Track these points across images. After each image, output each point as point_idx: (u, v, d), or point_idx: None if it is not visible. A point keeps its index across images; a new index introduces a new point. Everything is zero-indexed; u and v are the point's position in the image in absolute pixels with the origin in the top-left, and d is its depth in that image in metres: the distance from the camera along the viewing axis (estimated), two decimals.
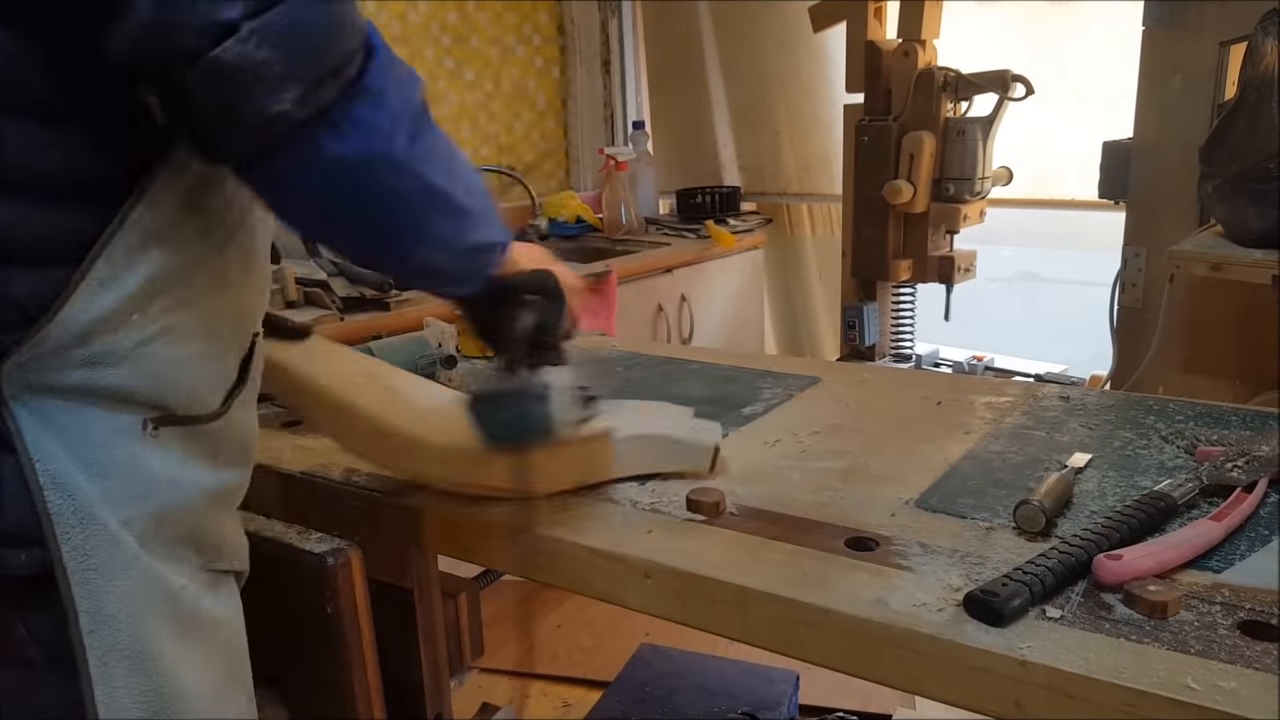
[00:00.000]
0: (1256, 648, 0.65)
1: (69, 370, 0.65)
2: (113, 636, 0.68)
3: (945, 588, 0.74)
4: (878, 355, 2.49)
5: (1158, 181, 1.96)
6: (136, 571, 0.69)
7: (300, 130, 0.63)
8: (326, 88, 0.63)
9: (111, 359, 0.66)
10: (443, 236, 0.76)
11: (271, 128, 0.62)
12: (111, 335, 0.66)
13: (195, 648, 0.75)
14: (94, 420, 0.67)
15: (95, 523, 0.67)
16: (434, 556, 1.02)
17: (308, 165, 0.65)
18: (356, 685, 0.96)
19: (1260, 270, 1.50)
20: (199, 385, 0.73)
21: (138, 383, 0.68)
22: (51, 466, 0.65)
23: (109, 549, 0.68)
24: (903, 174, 2.17)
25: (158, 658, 0.71)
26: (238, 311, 0.77)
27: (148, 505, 0.70)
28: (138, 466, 0.69)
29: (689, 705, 1.52)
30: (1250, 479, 0.87)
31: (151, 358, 0.68)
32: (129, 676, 0.69)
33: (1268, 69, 1.51)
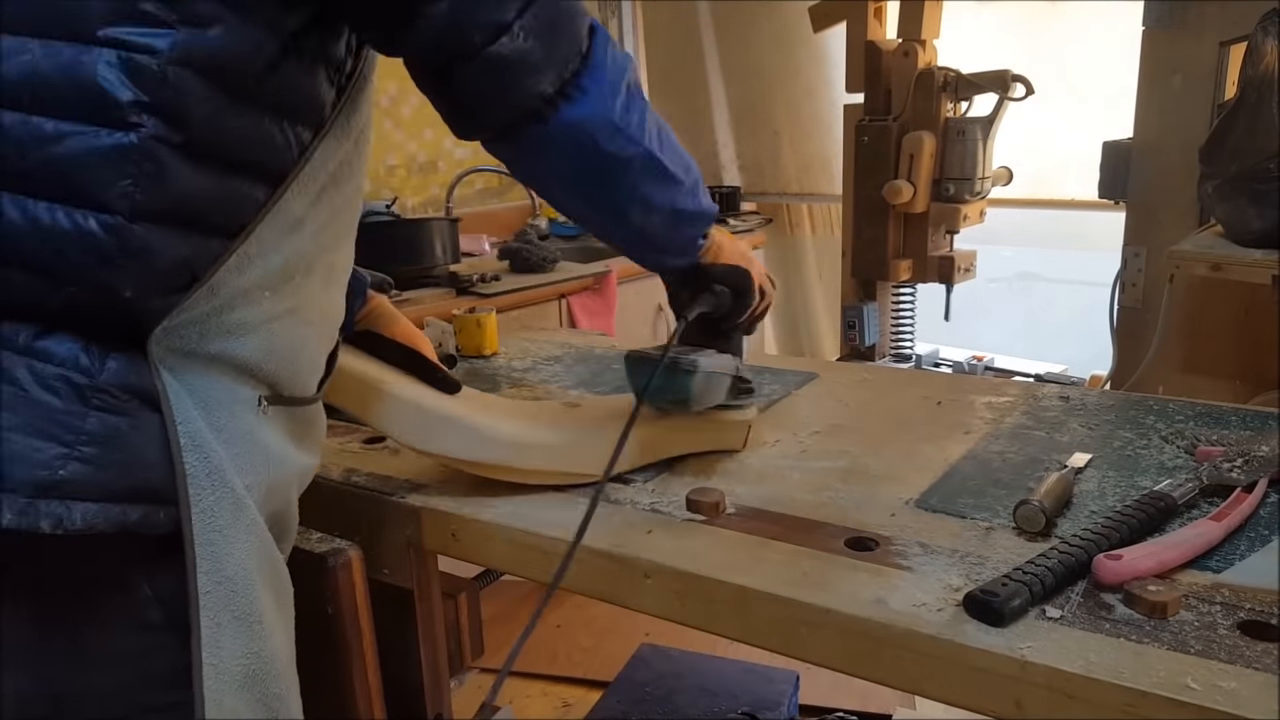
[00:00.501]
0: (1256, 648, 0.65)
1: (210, 338, 0.70)
2: (227, 598, 0.70)
3: (945, 588, 0.74)
4: (878, 355, 2.49)
5: (1158, 181, 1.96)
6: (254, 537, 0.73)
7: (549, 103, 0.75)
8: (570, 65, 0.75)
9: (245, 330, 0.71)
10: (654, 199, 0.87)
11: (532, 104, 0.75)
12: (249, 308, 0.71)
13: (285, 616, 0.79)
14: (224, 389, 0.71)
15: (225, 485, 0.70)
16: (434, 556, 1.02)
17: (550, 131, 0.77)
18: (356, 685, 0.96)
19: (1260, 270, 1.50)
20: (305, 368, 0.79)
21: (262, 357, 0.73)
22: (191, 429, 0.68)
23: (233, 512, 0.71)
24: (903, 174, 2.18)
25: (262, 620, 0.73)
26: (336, 307, 0.84)
27: (263, 475, 0.74)
28: (256, 438, 0.73)
29: (689, 705, 1.52)
30: (1250, 479, 0.87)
31: (276, 335, 0.74)
32: (236, 639, 0.71)
33: (1268, 69, 1.51)
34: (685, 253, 0.97)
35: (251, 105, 0.68)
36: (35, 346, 0.64)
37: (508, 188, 3.12)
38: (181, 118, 0.64)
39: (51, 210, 0.62)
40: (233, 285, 0.70)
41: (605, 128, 0.79)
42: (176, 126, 0.64)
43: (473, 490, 0.99)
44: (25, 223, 0.62)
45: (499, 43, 0.70)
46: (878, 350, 2.49)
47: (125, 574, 0.69)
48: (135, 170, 0.63)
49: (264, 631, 0.74)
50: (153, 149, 0.63)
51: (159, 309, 0.67)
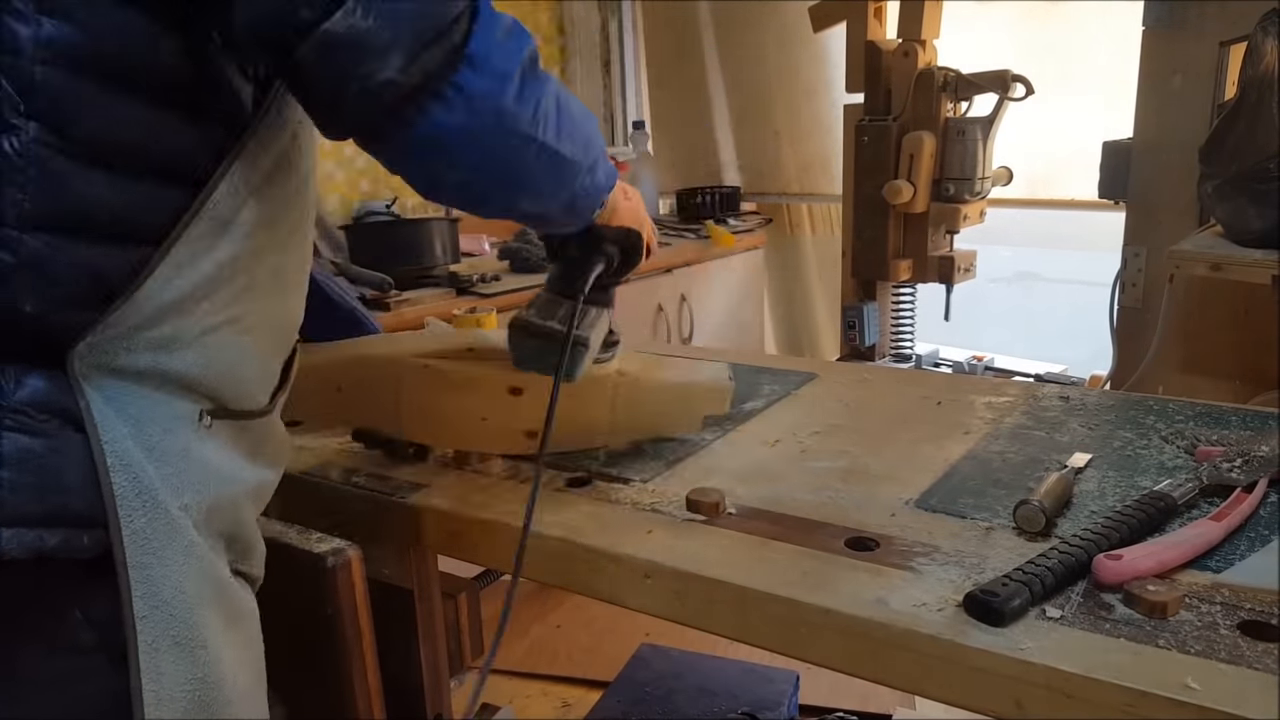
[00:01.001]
0: (1257, 648, 0.65)
1: (139, 352, 0.66)
2: (165, 623, 0.68)
3: (945, 588, 0.74)
4: (878, 355, 2.49)
5: (1158, 181, 1.96)
6: (193, 558, 0.70)
7: (409, 100, 0.65)
8: (430, 53, 0.65)
9: (179, 344, 0.68)
10: (547, 188, 0.80)
11: (381, 96, 0.64)
12: (181, 319, 0.68)
13: (237, 640, 0.75)
14: (157, 405, 0.68)
15: (157, 507, 0.67)
16: (434, 556, 1.02)
17: (420, 137, 0.67)
18: (356, 685, 0.96)
19: (1260, 270, 1.50)
20: (252, 380, 0.76)
21: (200, 370, 0.70)
22: (119, 448, 0.66)
23: (168, 534, 0.68)
24: (903, 174, 2.17)
25: (206, 646, 0.71)
26: (288, 313, 0.80)
27: (202, 493, 0.71)
28: (194, 454, 0.70)
29: (689, 705, 1.52)
30: (1250, 479, 0.87)
31: (215, 346, 0.71)
32: (177, 664, 0.69)
33: (1268, 69, 1.51)
34: (578, 221, 0.91)
35: (151, 102, 0.64)
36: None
37: None
38: (64, 120, 0.60)
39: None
40: (160, 296, 0.66)
41: (491, 130, 0.69)
42: (59, 130, 0.60)
43: (473, 490, 0.99)
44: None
45: (331, 19, 0.61)
46: (878, 350, 2.49)
47: (52, 598, 0.66)
48: (21, 178, 0.59)
49: (208, 657, 0.71)
50: (39, 154, 0.60)
51: (74, 324, 0.64)
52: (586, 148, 0.81)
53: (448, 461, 1.07)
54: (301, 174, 0.77)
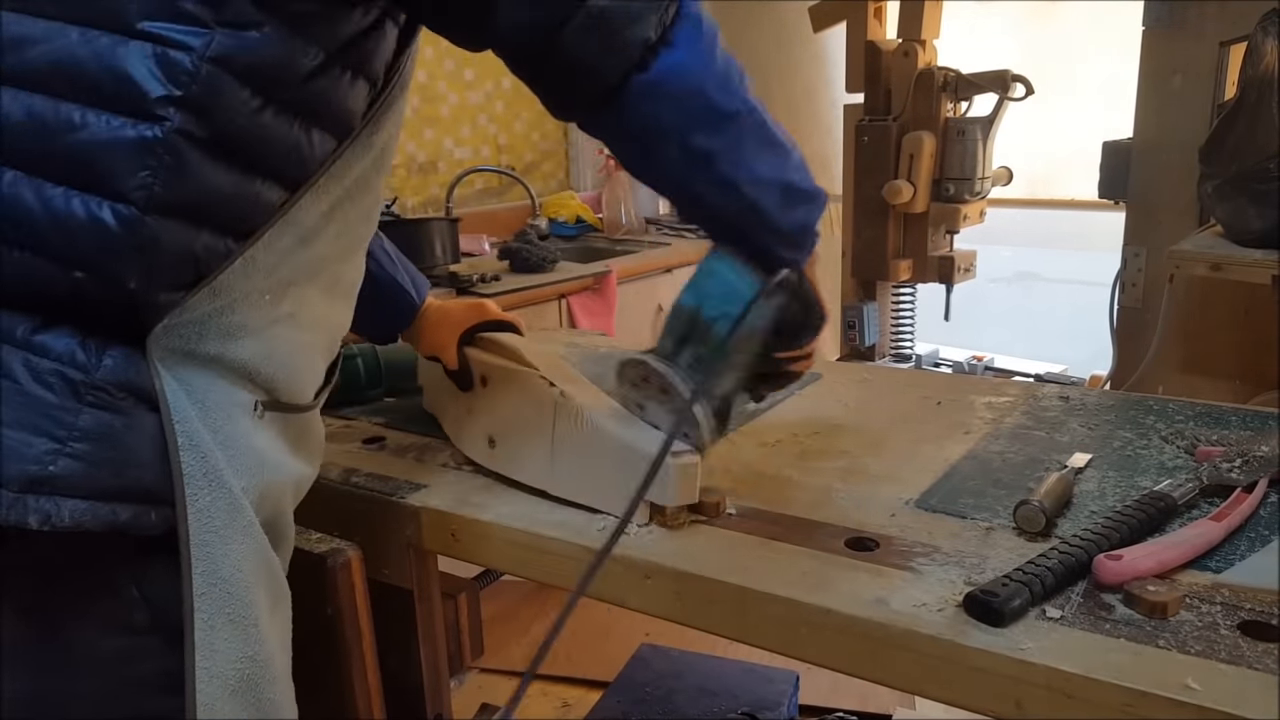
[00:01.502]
0: (1257, 648, 0.65)
1: (209, 339, 0.69)
2: (222, 600, 0.70)
3: (945, 587, 0.74)
4: (878, 355, 2.49)
5: (1158, 181, 1.96)
6: (250, 539, 0.72)
7: (651, 51, 0.71)
8: (667, 9, 0.71)
9: (243, 333, 0.71)
10: (762, 168, 0.79)
11: (635, 51, 0.70)
12: (249, 311, 0.71)
13: (280, 619, 0.78)
14: (222, 391, 0.71)
15: (221, 486, 0.70)
16: (434, 556, 1.01)
17: (653, 79, 0.72)
18: (356, 685, 0.96)
19: (1260, 270, 1.50)
20: (303, 375, 0.79)
21: (259, 360, 0.73)
22: (188, 429, 0.68)
23: (230, 513, 0.70)
24: (903, 174, 2.17)
25: (258, 624, 0.73)
26: (337, 317, 0.84)
27: (258, 479, 0.73)
28: (251, 442, 0.73)
29: (689, 705, 1.52)
30: (1250, 479, 0.87)
31: (274, 339, 0.74)
32: (230, 641, 0.71)
33: (1268, 69, 1.51)
34: (798, 243, 0.85)
35: (284, 109, 0.69)
36: (33, 340, 0.63)
37: (508, 188, 3.12)
38: (209, 115, 0.65)
39: (68, 197, 0.63)
40: (236, 287, 0.70)
41: (707, 75, 0.74)
42: (203, 122, 0.64)
43: (473, 490, 0.99)
44: (41, 208, 0.63)
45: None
46: (878, 350, 2.49)
47: (112, 575, 0.68)
48: (155, 163, 0.63)
49: (259, 635, 0.73)
50: (176, 143, 0.64)
51: (162, 305, 0.67)
52: (793, 143, 0.82)
53: (448, 461, 1.07)
54: (375, 195, 0.82)
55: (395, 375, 1.29)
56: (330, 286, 0.80)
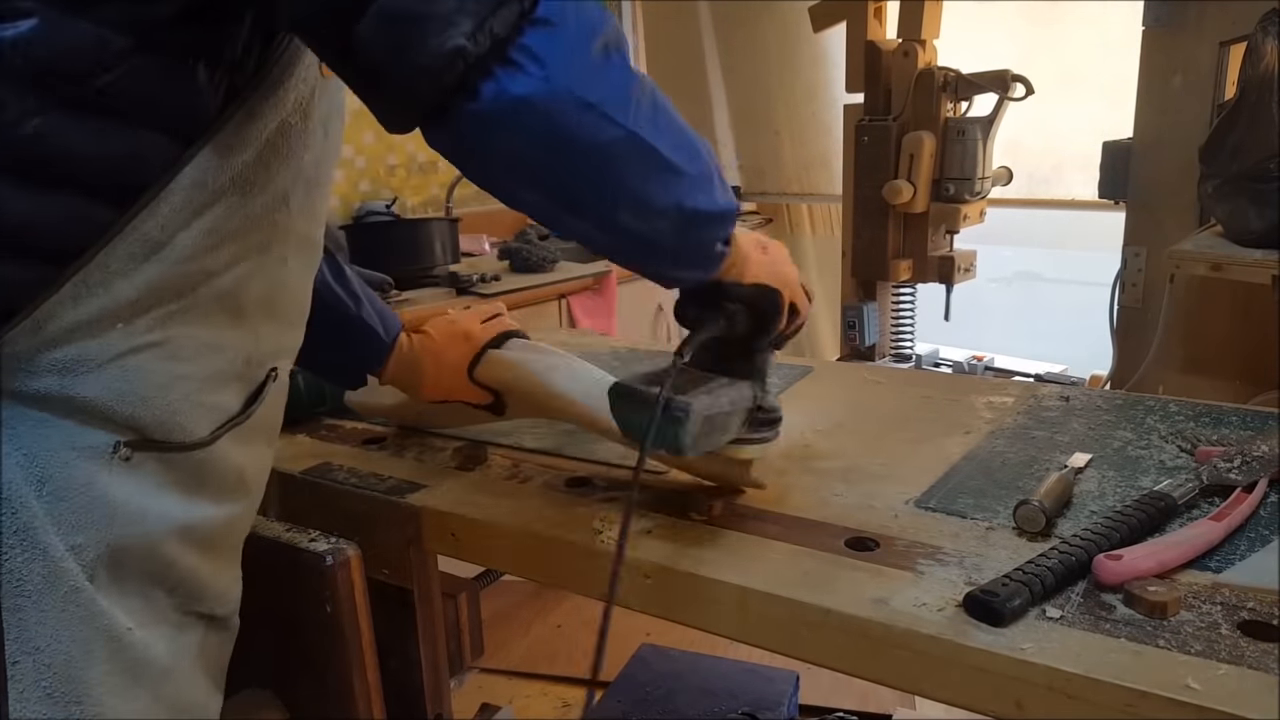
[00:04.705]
0: (1257, 648, 0.65)
1: (40, 375, 0.61)
2: (36, 672, 0.63)
3: (945, 588, 0.74)
4: (878, 355, 2.49)
5: (1158, 181, 1.96)
6: (75, 605, 0.64)
7: (477, 68, 0.59)
8: (500, 17, 0.58)
9: (85, 367, 0.62)
10: (650, 196, 0.68)
11: (450, 68, 0.58)
12: (90, 341, 0.62)
13: (137, 696, 0.68)
14: (58, 435, 0.63)
15: (35, 546, 0.62)
16: (434, 556, 1.01)
17: (488, 109, 0.60)
18: (356, 685, 0.96)
19: (1260, 270, 1.50)
20: (182, 409, 0.68)
21: (111, 397, 0.64)
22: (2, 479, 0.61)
23: (46, 577, 0.62)
24: (903, 174, 2.17)
25: (81, 701, 0.65)
26: (250, 346, 0.74)
27: (104, 534, 0.65)
28: (98, 491, 0.64)
29: (689, 705, 1.52)
30: (1250, 479, 0.87)
31: (131, 371, 0.64)
32: (47, 716, 0.63)
33: (1268, 69, 1.51)
34: (702, 264, 0.78)
35: (87, 111, 0.59)
36: None
37: None
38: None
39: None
40: (66, 318, 0.61)
41: (567, 103, 0.60)
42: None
43: (473, 490, 0.99)
44: None
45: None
46: (878, 350, 2.49)
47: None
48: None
49: (84, 714, 0.65)
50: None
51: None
52: (694, 158, 0.70)
53: (448, 462, 1.07)
54: (270, 195, 0.70)
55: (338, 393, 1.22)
56: (221, 307, 0.69)
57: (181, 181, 0.63)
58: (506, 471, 1.04)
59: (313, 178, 0.75)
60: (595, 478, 1.00)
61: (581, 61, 0.61)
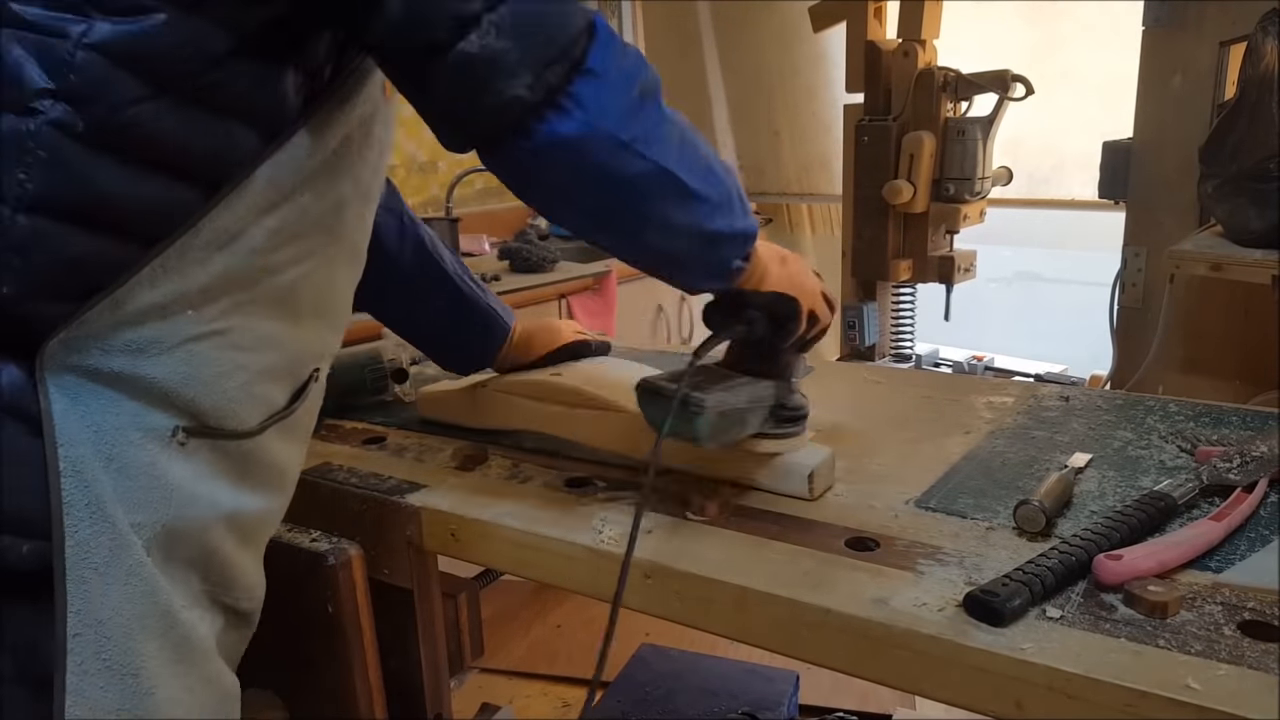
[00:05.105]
0: (1257, 648, 0.65)
1: (114, 354, 0.64)
2: (97, 643, 0.64)
3: (945, 588, 0.74)
4: (878, 355, 2.48)
5: (1158, 181, 1.95)
6: (138, 579, 0.66)
7: (532, 112, 0.66)
8: (554, 70, 0.66)
9: (156, 349, 0.65)
10: (674, 220, 0.75)
11: (509, 111, 0.66)
12: (162, 324, 0.65)
13: (182, 673, 0.70)
14: (126, 415, 0.65)
15: (105, 519, 0.64)
16: (434, 556, 1.02)
17: (539, 146, 0.67)
18: (357, 685, 0.96)
19: (1260, 270, 1.50)
20: (236, 398, 0.71)
21: (178, 380, 0.67)
22: (74, 453, 0.63)
23: (113, 550, 0.64)
24: (903, 174, 2.17)
25: (139, 674, 0.66)
26: (299, 344, 0.77)
27: (161, 514, 0.67)
28: (158, 472, 0.67)
29: (689, 705, 1.52)
30: (1250, 479, 0.87)
31: (196, 357, 0.67)
32: (105, 691, 0.64)
33: (1268, 69, 1.51)
34: (717, 277, 0.84)
35: (186, 101, 0.63)
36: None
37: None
38: (90, 107, 0.60)
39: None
40: (143, 299, 0.64)
41: (605, 143, 0.68)
42: (83, 115, 0.60)
43: (473, 490, 0.99)
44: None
45: (466, 40, 0.63)
46: (878, 350, 2.49)
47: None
48: (30, 158, 0.59)
49: (140, 687, 0.66)
50: (51, 137, 0.59)
51: (50, 316, 0.62)
52: (715, 186, 0.77)
53: (448, 462, 1.07)
54: (331, 201, 0.74)
55: (339, 391, 1.23)
56: (279, 304, 0.73)
57: (258, 179, 0.67)
58: (506, 471, 1.04)
59: (367, 192, 0.80)
60: (595, 478, 1.00)
61: (620, 106, 0.69)
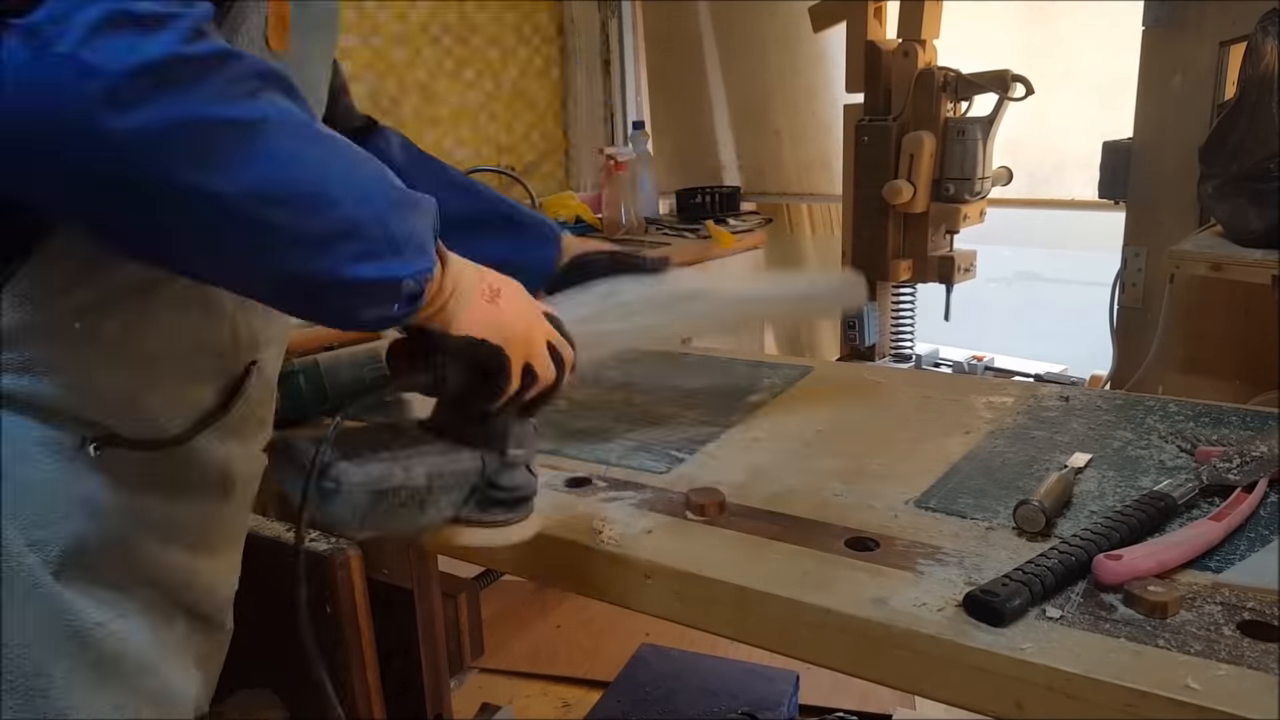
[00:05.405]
0: (1257, 648, 0.65)
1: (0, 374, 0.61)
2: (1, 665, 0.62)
3: (945, 588, 0.74)
4: (878, 355, 2.48)
5: (1158, 181, 1.95)
6: (37, 600, 0.63)
7: None
8: None
9: (44, 368, 0.62)
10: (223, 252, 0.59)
11: None
12: (47, 342, 0.62)
13: (108, 690, 0.68)
14: (22, 431, 0.62)
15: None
16: (434, 556, 1.02)
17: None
18: (356, 685, 0.96)
19: (1260, 270, 1.49)
20: (150, 407, 0.67)
21: (73, 396, 0.63)
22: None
23: (6, 574, 0.62)
24: (903, 174, 2.17)
25: (48, 694, 0.64)
26: (222, 336, 0.71)
27: (68, 529, 0.64)
28: (60, 487, 0.63)
29: (689, 705, 1.52)
30: (1250, 479, 0.87)
31: (93, 369, 0.64)
32: (16, 713, 0.63)
33: (1268, 69, 1.51)
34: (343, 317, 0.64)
35: None
36: None
37: (507, 188, 3.12)
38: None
39: None
40: (18, 317, 0.60)
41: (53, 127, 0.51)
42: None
43: None
44: None
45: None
46: (878, 350, 2.49)
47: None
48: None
49: (51, 708, 0.64)
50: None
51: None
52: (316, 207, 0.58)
53: None
54: None
55: (341, 389, 1.21)
56: (190, 296, 0.67)
57: None
58: None
59: None
60: (595, 478, 1.00)
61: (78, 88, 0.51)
